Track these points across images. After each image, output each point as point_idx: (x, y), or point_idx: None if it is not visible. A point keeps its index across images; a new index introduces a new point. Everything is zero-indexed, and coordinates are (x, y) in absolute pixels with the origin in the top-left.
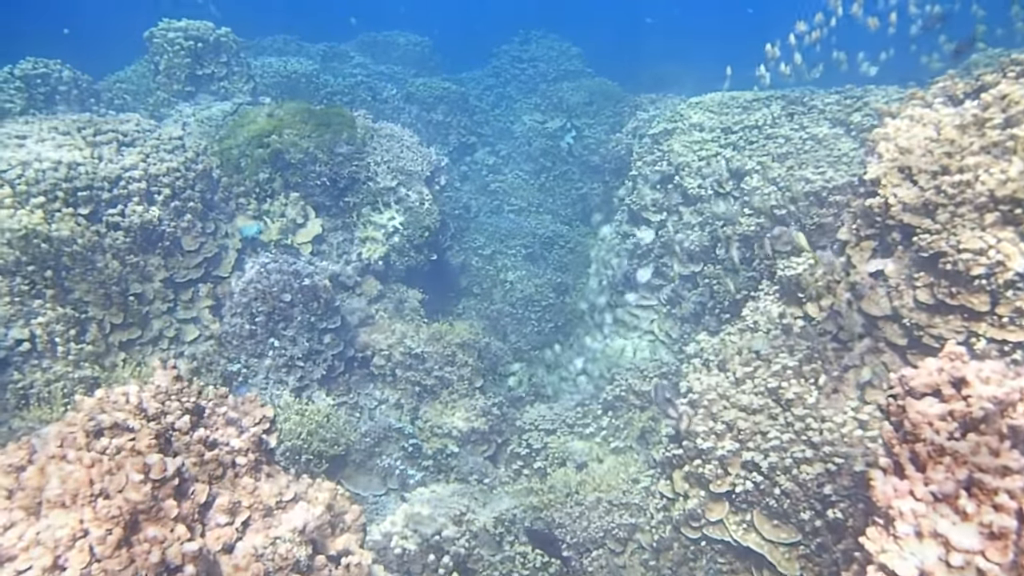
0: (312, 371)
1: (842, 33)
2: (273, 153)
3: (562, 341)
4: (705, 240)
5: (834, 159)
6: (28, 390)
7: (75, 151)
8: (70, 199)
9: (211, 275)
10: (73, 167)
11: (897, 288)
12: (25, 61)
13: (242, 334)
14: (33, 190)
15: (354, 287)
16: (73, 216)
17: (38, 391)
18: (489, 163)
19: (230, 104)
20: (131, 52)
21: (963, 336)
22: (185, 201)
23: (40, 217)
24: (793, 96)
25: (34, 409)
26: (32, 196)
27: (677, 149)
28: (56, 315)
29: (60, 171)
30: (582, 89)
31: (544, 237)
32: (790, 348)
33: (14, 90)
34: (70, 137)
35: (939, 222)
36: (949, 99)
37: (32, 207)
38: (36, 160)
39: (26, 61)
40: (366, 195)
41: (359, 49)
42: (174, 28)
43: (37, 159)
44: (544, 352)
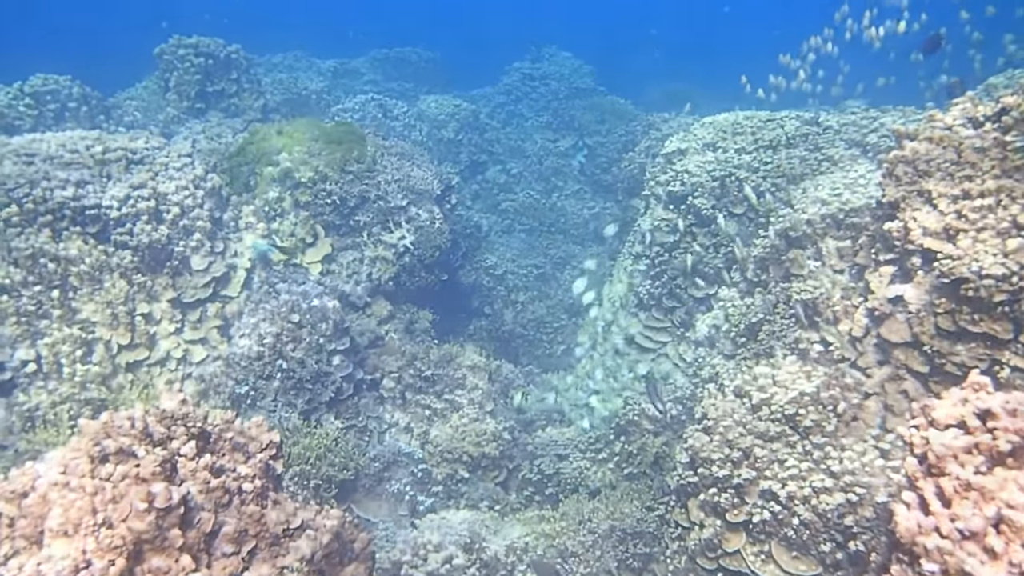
0: (321, 393)
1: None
2: (283, 171)
3: (574, 363)
4: (719, 262)
5: (850, 181)
6: (34, 412)
7: (84, 169)
8: (78, 218)
9: (219, 295)
10: (81, 185)
11: (917, 314)
12: (35, 78)
13: (250, 355)
14: (41, 208)
15: (364, 307)
16: (81, 235)
17: (44, 413)
18: (500, 181)
19: (240, 121)
20: (142, 68)
21: (986, 364)
22: (194, 220)
23: (48, 236)
24: (808, 116)
25: (40, 431)
26: (40, 215)
27: (691, 169)
28: (62, 336)
29: (68, 190)
30: (594, 107)
31: (556, 257)
32: (807, 374)
33: (24, 107)
34: (79, 155)
35: (960, 247)
36: (969, 121)
37: (40, 226)
38: (44, 179)
39: (36, 78)
40: (376, 214)
41: (370, 66)
42: (184, 45)
43: (45, 177)
44: (556, 374)
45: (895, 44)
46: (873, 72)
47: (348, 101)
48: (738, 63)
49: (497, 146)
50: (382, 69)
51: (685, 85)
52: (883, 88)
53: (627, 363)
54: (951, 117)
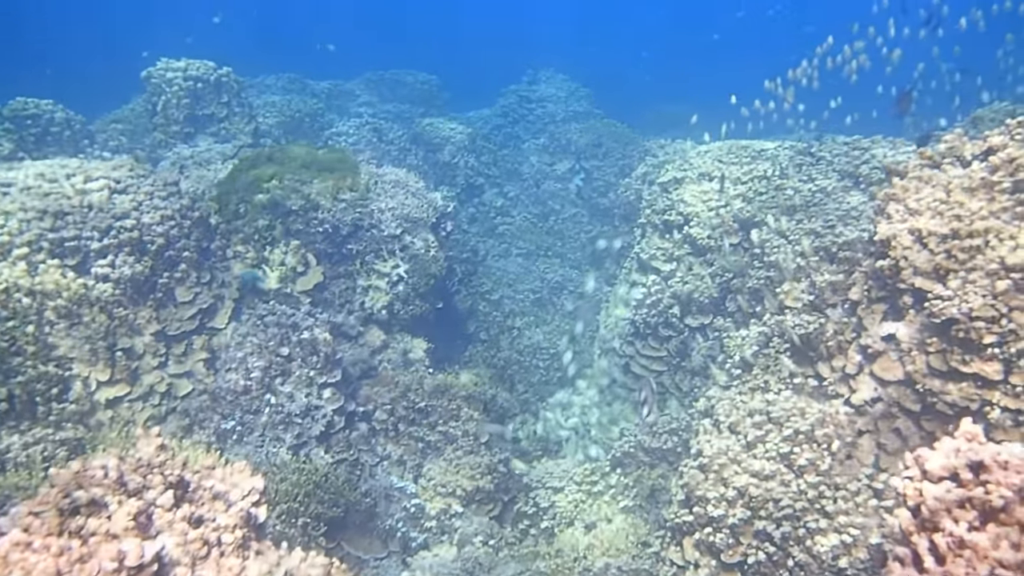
0: (310, 427)
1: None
2: (273, 199)
3: (570, 391)
4: (715, 292)
5: (843, 213)
6: (4, 454)
7: (63, 199)
8: (56, 250)
9: (206, 326)
10: (60, 216)
11: (909, 353)
12: (15, 101)
13: (237, 390)
14: (16, 241)
15: (356, 337)
16: (59, 268)
17: (15, 455)
18: (497, 205)
19: (230, 146)
20: (128, 89)
21: (977, 404)
22: (180, 251)
23: (22, 270)
24: (801, 146)
25: (10, 475)
26: (15, 247)
27: (686, 199)
28: (37, 373)
29: (46, 221)
30: (591, 131)
31: (553, 282)
32: (801, 412)
33: (2, 132)
34: (58, 184)
35: (951, 288)
36: (957, 159)
37: (14, 259)
38: (21, 209)
39: (16, 101)
40: (370, 242)
41: (365, 87)
42: (173, 68)
43: (22, 208)
44: (552, 403)
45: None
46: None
47: (342, 124)
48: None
49: (494, 169)
50: (377, 91)
51: (681, 107)
52: (876, 119)
53: (623, 392)
54: (939, 154)
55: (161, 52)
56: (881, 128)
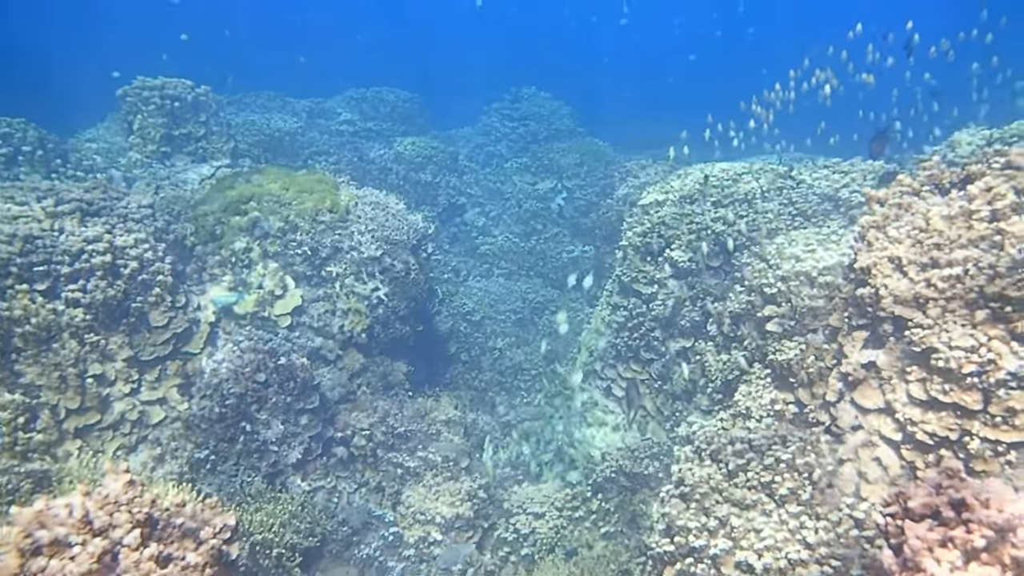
0: (287, 455)
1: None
2: (251, 221)
3: (551, 414)
4: (696, 315)
5: (823, 237)
6: None
7: (33, 223)
8: (25, 275)
9: (180, 352)
10: (29, 240)
11: (889, 381)
12: None
13: (211, 418)
14: None
15: (335, 361)
16: (27, 293)
17: None
18: (479, 224)
19: (208, 167)
20: (106, 105)
21: (957, 434)
22: (154, 274)
23: None
24: (781, 170)
25: None
26: None
27: (667, 221)
28: (3, 402)
29: (15, 245)
30: (573, 150)
31: (535, 302)
32: (783, 439)
33: None
34: (28, 208)
35: (930, 316)
36: (936, 187)
37: None
38: None
39: None
40: (349, 264)
41: (346, 105)
42: (149, 87)
43: None
44: (533, 425)
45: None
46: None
47: (323, 143)
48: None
49: (476, 188)
50: (358, 109)
51: (663, 126)
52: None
53: (604, 416)
54: (918, 182)
55: (137, 69)
56: (861, 150)
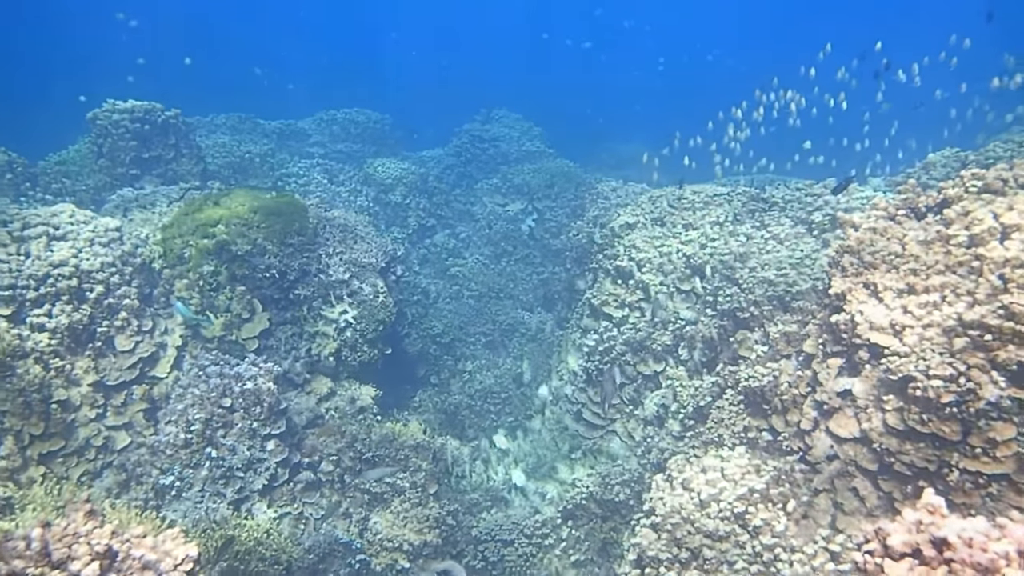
0: (253, 481)
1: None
2: (219, 244)
3: (520, 438)
4: (667, 339)
5: (796, 260)
6: None
7: None
8: None
9: (147, 376)
10: None
11: (865, 410)
12: None
13: (176, 443)
14: None
15: (303, 385)
16: None
17: None
18: (449, 246)
19: (176, 189)
20: (79, 128)
21: (936, 465)
22: (120, 298)
23: None
24: (753, 192)
25: None
26: None
27: (638, 244)
28: None
29: None
30: (544, 171)
31: (505, 324)
32: (756, 468)
33: None
34: None
35: (907, 344)
36: (912, 211)
37: None
38: None
39: None
40: (317, 288)
41: (317, 127)
42: (119, 110)
43: None
44: (503, 449)
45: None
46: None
47: (293, 165)
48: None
49: (446, 209)
50: (329, 130)
51: (636, 147)
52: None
53: (575, 440)
54: (894, 206)
55: (105, 92)
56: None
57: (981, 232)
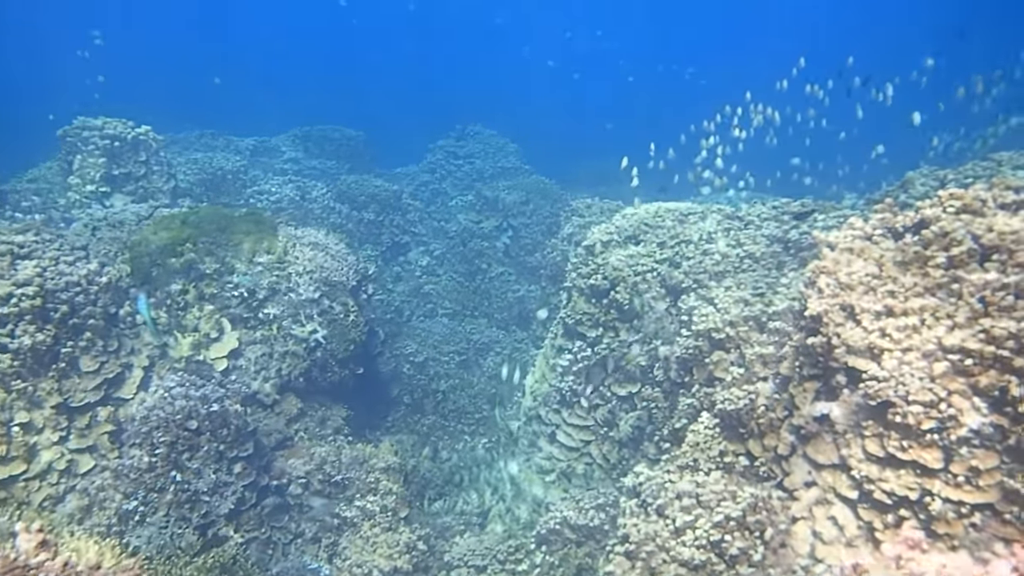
0: (219, 505)
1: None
2: (187, 263)
3: (493, 460)
4: (642, 360)
5: (772, 280)
6: None
7: None
8: None
9: (112, 397)
10: None
11: (844, 435)
12: None
13: (140, 467)
14: None
15: (272, 405)
16: None
17: None
18: (423, 264)
19: (146, 207)
20: (49, 147)
21: (917, 494)
22: (85, 318)
23: None
24: (729, 210)
25: None
26: None
27: (612, 262)
28: None
29: None
30: (519, 187)
31: (479, 343)
32: (733, 495)
33: None
34: None
35: (886, 368)
36: (889, 231)
37: None
38: None
39: None
40: (287, 307)
41: (291, 143)
42: (89, 127)
43: None
44: (476, 471)
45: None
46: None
47: (265, 182)
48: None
49: (420, 227)
50: (303, 147)
51: (612, 163)
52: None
53: (547, 463)
54: (871, 226)
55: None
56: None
57: (960, 254)
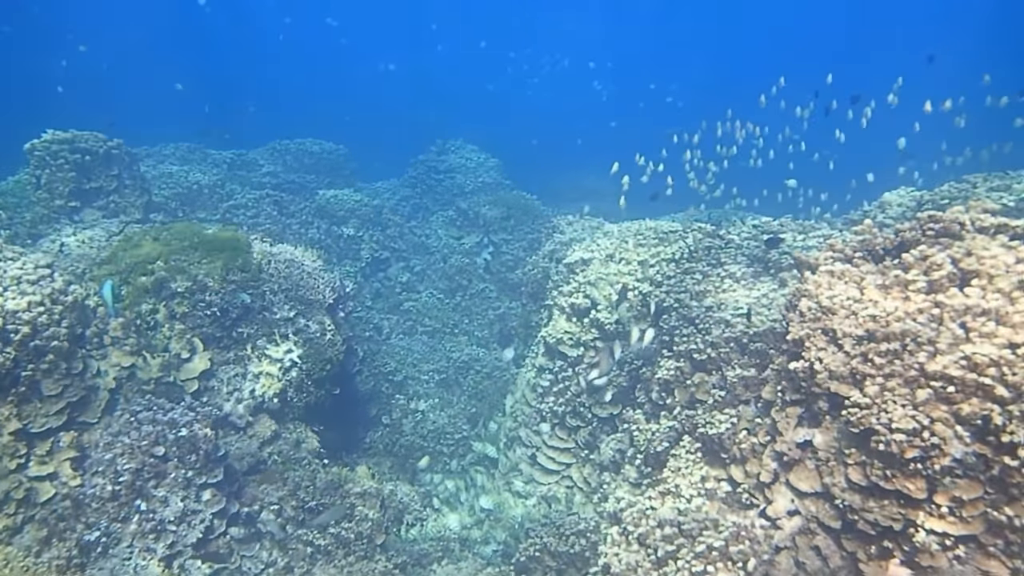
0: (186, 535)
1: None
2: (158, 281)
3: (470, 483)
4: (623, 380)
5: (753, 300)
6: None
7: None
8: None
9: (77, 421)
10: None
11: (827, 463)
12: None
13: (103, 496)
14: None
15: (245, 428)
16: None
17: None
18: (403, 280)
19: (116, 223)
20: (17, 161)
21: (901, 524)
22: (48, 340)
23: None
24: (709, 229)
25: None
26: None
27: (593, 280)
28: None
29: None
30: (500, 203)
31: (459, 361)
32: (715, 523)
33: None
34: None
35: (868, 395)
36: (869, 253)
37: None
38: None
39: None
40: (261, 326)
41: (269, 157)
42: (59, 140)
43: None
44: (456, 494)
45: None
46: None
47: (242, 196)
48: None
49: (400, 242)
50: (282, 160)
51: (593, 179)
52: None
53: (527, 486)
54: (851, 248)
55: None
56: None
57: (940, 278)
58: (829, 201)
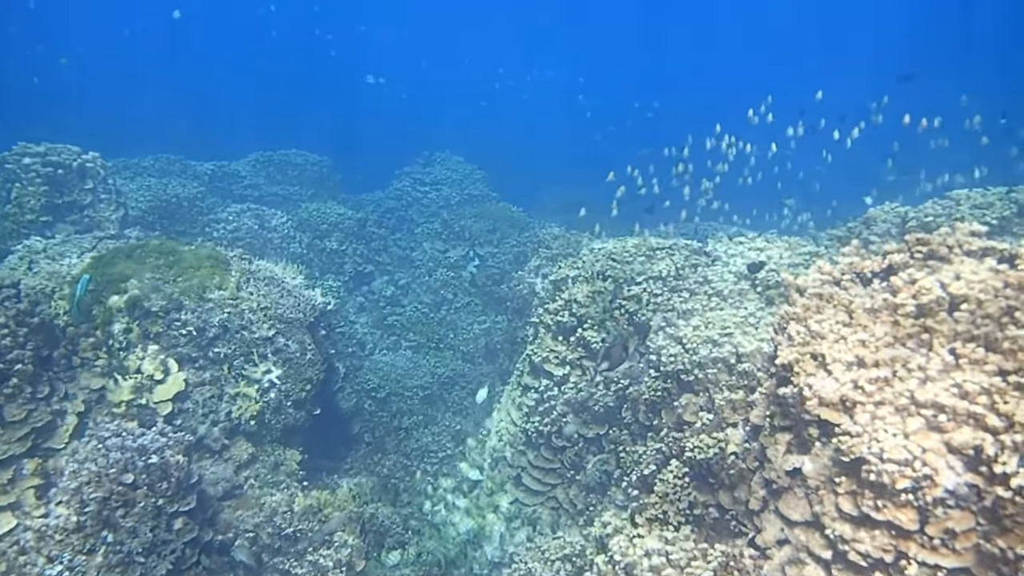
0: (156, 567)
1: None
2: (131, 299)
3: (456, 504)
4: (610, 400)
5: (740, 319)
6: None
7: None
8: None
9: (42, 448)
10: None
11: (817, 491)
12: None
13: (67, 527)
14: None
15: (221, 451)
16: None
17: None
18: (387, 294)
19: (89, 239)
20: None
21: (892, 556)
22: (11, 363)
23: None
24: (696, 246)
25: None
26: None
27: (579, 299)
28: None
29: None
30: (486, 215)
31: (444, 377)
32: (703, 553)
33: None
34: None
35: (858, 423)
36: (857, 276)
37: None
38: None
39: None
40: (239, 345)
41: (252, 168)
42: (31, 153)
43: None
44: (439, 517)
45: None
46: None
47: (223, 210)
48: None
49: (384, 255)
50: (264, 172)
51: (580, 192)
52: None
53: (512, 508)
54: (839, 270)
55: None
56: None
57: (929, 303)
58: (810, 219)
